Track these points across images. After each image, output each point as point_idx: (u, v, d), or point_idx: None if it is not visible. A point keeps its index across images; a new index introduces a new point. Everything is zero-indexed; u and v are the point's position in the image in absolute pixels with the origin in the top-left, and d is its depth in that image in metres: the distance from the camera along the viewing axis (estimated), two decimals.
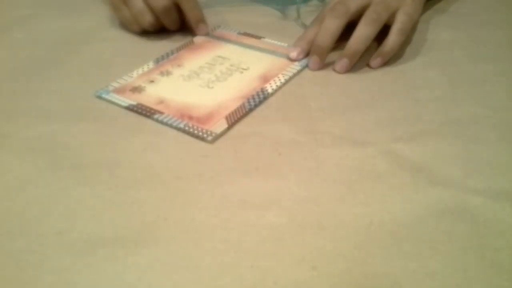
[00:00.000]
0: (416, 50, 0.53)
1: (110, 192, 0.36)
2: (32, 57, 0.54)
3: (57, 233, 0.33)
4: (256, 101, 0.45)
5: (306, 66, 0.50)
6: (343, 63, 0.49)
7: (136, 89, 0.46)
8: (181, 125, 0.42)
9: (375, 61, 0.50)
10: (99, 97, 0.46)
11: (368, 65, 0.50)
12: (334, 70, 0.50)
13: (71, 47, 0.55)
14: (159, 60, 0.51)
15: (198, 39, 0.55)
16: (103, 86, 0.48)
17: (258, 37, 0.56)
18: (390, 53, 0.50)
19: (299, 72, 0.49)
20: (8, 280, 0.30)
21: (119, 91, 0.46)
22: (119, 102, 0.45)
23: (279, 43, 0.54)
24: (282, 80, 0.48)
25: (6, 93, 0.48)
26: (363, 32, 0.48)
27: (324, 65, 0.50)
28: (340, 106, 0.45)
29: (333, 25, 0.49)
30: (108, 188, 0.36)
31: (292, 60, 0.51)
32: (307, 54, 0.51)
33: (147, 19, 0.54)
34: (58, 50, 0.55)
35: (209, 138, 0.40)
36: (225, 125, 0.42)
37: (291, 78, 0.48)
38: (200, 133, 0.41)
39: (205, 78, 0.48)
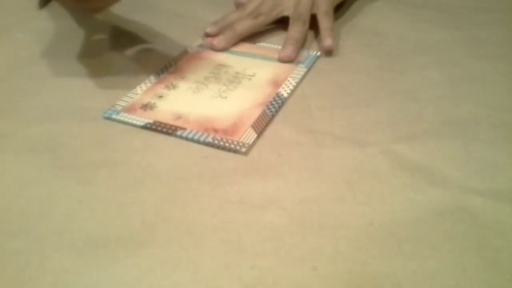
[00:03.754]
0: (416, 50, 0.53)
1: (110, 192, 0.36)
2: (32, 56, 0.54)
3: (57, 233, 0.33)
4: (276, 106, 0.44)
5: (311, 67, 0.50)
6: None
7: (147, 106, 0.45)
8: (209, 139, 0.40)
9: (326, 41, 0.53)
10: (109, 118, 0.43)
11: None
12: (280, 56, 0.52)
13: (71, 46, 0.55)
14: (160, 74, 0.49)
15: (192, 49, 0.54)
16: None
17: (252, 42, 0.55)
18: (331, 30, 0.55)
19: (306, 73, 0.49)
20: (8, 280, 0.30)
21: (130, 109, 0.44)
22: (134, 122, 0.43)
23: (275, 46, 0.54)
24: (294, 83, 0.47)
25: (6, 92, 0.48)
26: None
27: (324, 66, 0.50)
28: (340, 106, 0.45)
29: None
30: (108, 188, 0.36)
31: (287, 61, 0.51)
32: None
33: None
34: (59, 50, 0.55)
35: (243, 149, 0.39)
36: (255, 134, 0.41)
37: (301, 80, 0.48)
38: (232, 146, 0.39)
39: (215, 88, 0.47)
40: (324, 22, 0.55)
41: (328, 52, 0.53)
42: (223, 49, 0.54)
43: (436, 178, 0.36)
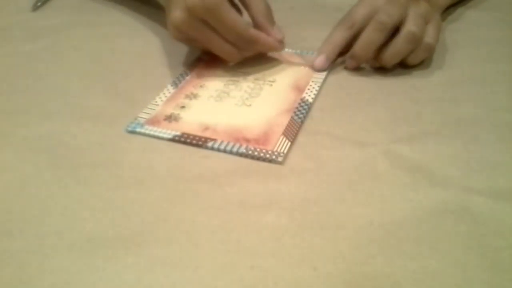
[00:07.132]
0: None
1: (110, 192, 0.36)
2: (32, 56, 0.54)
3: (57, 233, 0.33)
4: (304, 112, 0.43)
5: (331, 70, 0.49)
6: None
7: (171, 118, 0.43)
8: (242, 150, 0.39)
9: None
10: (133, 132, 0.42)
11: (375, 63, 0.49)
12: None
13: (71, 45, 0.55)
14: (177, 83, 0.48)
15: (204, 56, 0.52)
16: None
17: None
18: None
19: (327, 77, 0.48)
20: (8, 280, 0.30)
21: (153, 122, 0.43)
22: (160, 135, 0.41)
23: (290, 50, 0.53)
24: (317, 88, 0.46)
25: (6, 92, 0.48)
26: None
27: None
28: (340, 106, 0.45)
29: (376, 38, 0.47)
30: (108, 188, 0.36)
31: (317, 69, 0.49)
32: (332, 62, 0.50)
33: None
34: (59, 49, 0.55)
35: (279, 159, 0.38)
36: (288, 143, 0.40)
37: (322, 84, 0.47)
38: (268, 155, 0.39)
39: (237, 96, 0.46)
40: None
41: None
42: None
43: (436, 178, 0.36)
